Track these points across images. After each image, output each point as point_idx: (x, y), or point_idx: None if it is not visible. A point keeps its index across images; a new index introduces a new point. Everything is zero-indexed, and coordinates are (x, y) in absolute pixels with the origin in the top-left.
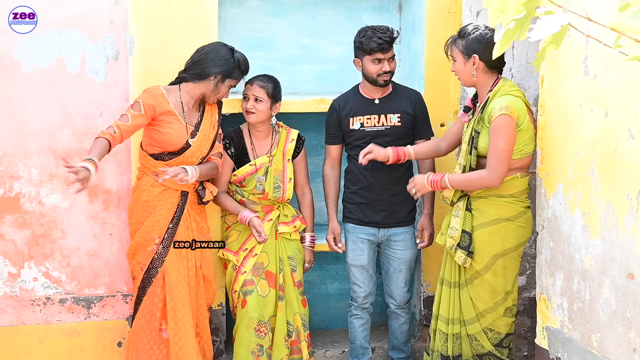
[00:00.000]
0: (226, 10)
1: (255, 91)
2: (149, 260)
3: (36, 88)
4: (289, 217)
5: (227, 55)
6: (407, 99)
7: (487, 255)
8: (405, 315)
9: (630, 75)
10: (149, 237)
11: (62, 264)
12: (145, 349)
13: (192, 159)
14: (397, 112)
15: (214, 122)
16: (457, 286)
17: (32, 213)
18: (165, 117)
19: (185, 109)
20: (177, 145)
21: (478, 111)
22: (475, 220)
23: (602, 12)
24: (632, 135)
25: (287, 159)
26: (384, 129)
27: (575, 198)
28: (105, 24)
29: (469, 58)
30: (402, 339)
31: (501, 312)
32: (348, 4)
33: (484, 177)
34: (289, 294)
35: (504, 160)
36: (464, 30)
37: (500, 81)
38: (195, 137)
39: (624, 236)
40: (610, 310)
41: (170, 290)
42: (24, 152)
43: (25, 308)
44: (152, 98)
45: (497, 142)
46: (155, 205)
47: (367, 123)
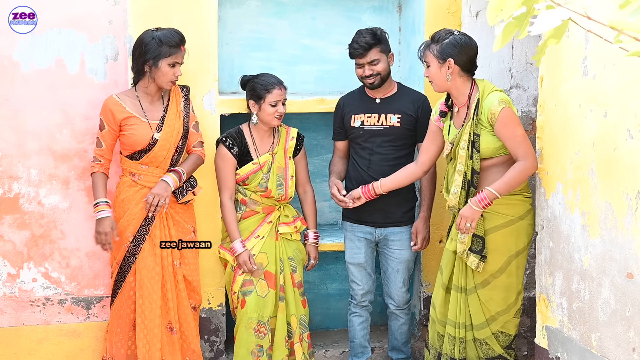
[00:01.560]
0: (226, 11)
1: (285, 94)
2: (122, 257)
3: (35, 88)
4: (289, 218)
5: (148, 40)
6: (411, 101)
7: (502, 257)
8: (404, 316)
9: (630, 76)
10: (123, 235)
11: (62, 265)
12: (114, 340)
13: (163, 152)
14: (397, 113)
15: (179, 111)
16: (464, 291)
17: (31, 214)
18: (127, 121)
19: (145, 105)
20: (143, 143)
21: (472, 115)
22: (487, 223)
23: (602, 10)
24: (631, 135)
25: (288, 157)
26: (382, 128)
27: (575, 198)
28: (105, 25)
29: (444, 62)
30: (402, 339)
31: (512, 314)
32: (348, 5)
33: (526, 167)
34: (289, 295)
35: (529, 143)
36: (438, 35)
37: (479, 82)
38: (161, 131)
39: (623, 236)
40: (610, 309)
41: (139, 288)
42: (23, 153)
43: (25, 309)
44: (108, 111)
45: (514, 131)
46: (130, 203)
47: (367, 122)
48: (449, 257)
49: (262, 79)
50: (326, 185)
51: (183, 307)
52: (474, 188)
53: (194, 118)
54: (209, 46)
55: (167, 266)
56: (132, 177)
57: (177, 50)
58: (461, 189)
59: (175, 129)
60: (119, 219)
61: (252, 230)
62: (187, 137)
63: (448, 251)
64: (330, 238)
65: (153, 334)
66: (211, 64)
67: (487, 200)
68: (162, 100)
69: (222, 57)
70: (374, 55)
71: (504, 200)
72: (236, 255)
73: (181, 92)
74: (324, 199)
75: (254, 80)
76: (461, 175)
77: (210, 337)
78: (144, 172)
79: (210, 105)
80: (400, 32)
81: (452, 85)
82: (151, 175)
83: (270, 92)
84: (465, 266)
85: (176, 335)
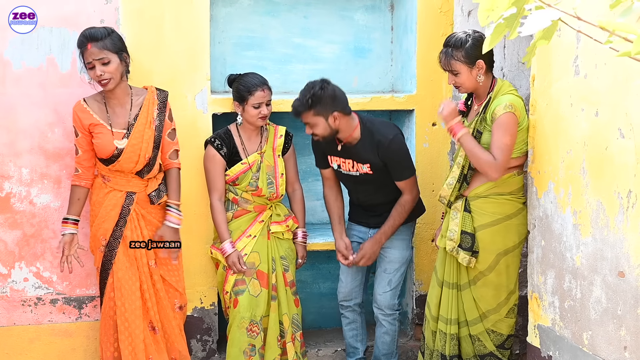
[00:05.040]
0: (218, 10)
1: (268, 96)
2: (101, 261)
3: (27, 87)
4: (281, 217)
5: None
6: (372, 149)
7: (491, 255)
8: (387, 325)
9: (621, 75)
10: (97, 239)
11: (53, 264)
12: (103, 340)
13: (130, 164)
14: (365, 162)
15: (151, 120)
16: (456, 287)
17: (22, 213)
18: (94, 128)
19: (111, 111)
20: (107, 153)
21: (480, 112)
22: (476, 221)
23: (592, 11)
24: (622, 134)
25: (277, 155)
26: (358, 175)
27: (566, 197)
28: (97, 23)
29: (474, 65)
30: (384, 350)
31: (504, 314)
32: (340, 4)
33: (490, 162)
34: (281, 294)
35: (508, 154)
36: (458, 40)
37: (498, 81)
38: (128, 139)
39: (614, 235)
40: (601, 308)
41: (118, 290)
42: (15, 152)
43: (16, 309)
44: (76, 118)
45: (502, 136)
46: (101, 206)
47: (343, 167)
48: (442, 254)
49: (246, 80)
50: (318, 184)
51: (163, 307)
52: (466, 183)
53: (169, 126)
54: (201, 45)
55: (142, 266)
56: (102, 179)
57: (87, 43)
58: (456, 181)
59: (145, 140)
60: (94, 221)
61: (244, 230)
62: (159, 147)
63: (441, 249)
64: (323, 237)
65: (135, 335)
66: (203, 63)
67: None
68: (131, 104)
69: (214, 56)
70: (307, 119)
71: (491, 198)
72: (226, 256)
73: (157, 99)
74: (316, 198)
75: (238, 81)
76: (459, 168)
77: (203, 337)
78: (112, 176)
79: (202, 104)
80: (392, 31)
81: (481, 85)
82: (119, 178)
83: (253, 94)
84: (457, 263)
85: (159, 334)
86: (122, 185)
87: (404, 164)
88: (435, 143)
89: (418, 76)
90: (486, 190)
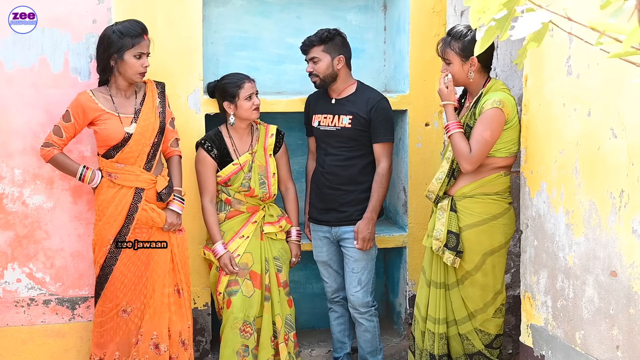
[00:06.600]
0: (210, 10)
1: (255, 87)
2: (104, 259)
3: (19, 88)
4: (274, 217)
5: (109, 34)
6: (365, 102)
7: (477, 255)
8: (365, 323)
9: (613, 75)
10: (103, 238)
11: (46, 265)
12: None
13: (138, 146)
14: (349, 114)
15: (155, 106)
16: (444, 287)
17: (15, 214)
18: (99, 118)
19: (117, 101)
20: (117, 138)
21: (470, 107)
22: (461, 221)
23: (583, 12)
24: (615, 134)
25: (268, 154)
26: (334, 129)
27: (559, 197)
28: (89, 23)
29: (467, 60)
30: (367, 348)
31: (491, 314)
32: (333, 4)
33: (465, 153)
34: (274, 295)
35: (485, 150)
36: (458, 32)
37: (492, 80)
38: (136, 124)
39: (606, 234)
40: (594, 307)
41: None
42: (7, 152)
43: (9, 309)
44: (79, 106)
45: (483, 130)
46: (110, 205)
47: (323, 122)
48: (429, 254)
49: (230, 78)
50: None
51: (187, 274)
52: (454, 179)
53: (170, 114)
54: (193, 45)
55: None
56: (109, 177)
57: (140, 40)
58: (445, 176)
59: (151, 124)
60: (99, 221)
61: (237, 231)
62: (163, 133)
63: (428, 249)
64: None
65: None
66: (196, 63)
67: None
68: (135, 95)
69: (207, 56)
70: (314, 53)
71: (477, 198)
72: (218, 258)
73: (157, 88)
74: None
75: (221, 82)
76: (449, 162)
77: (196, 337)
78: (120, 171)
79: (195, 104)
80: (385, 32)
81: (472, 81)
82: (128, 173)
83: (242, 86)
84: (444, 262)
85: (184, 297)
86: (131, 180)
87: (388, 125)
88: (428, 143)
89: (411, 76)
90: (472, 190)
